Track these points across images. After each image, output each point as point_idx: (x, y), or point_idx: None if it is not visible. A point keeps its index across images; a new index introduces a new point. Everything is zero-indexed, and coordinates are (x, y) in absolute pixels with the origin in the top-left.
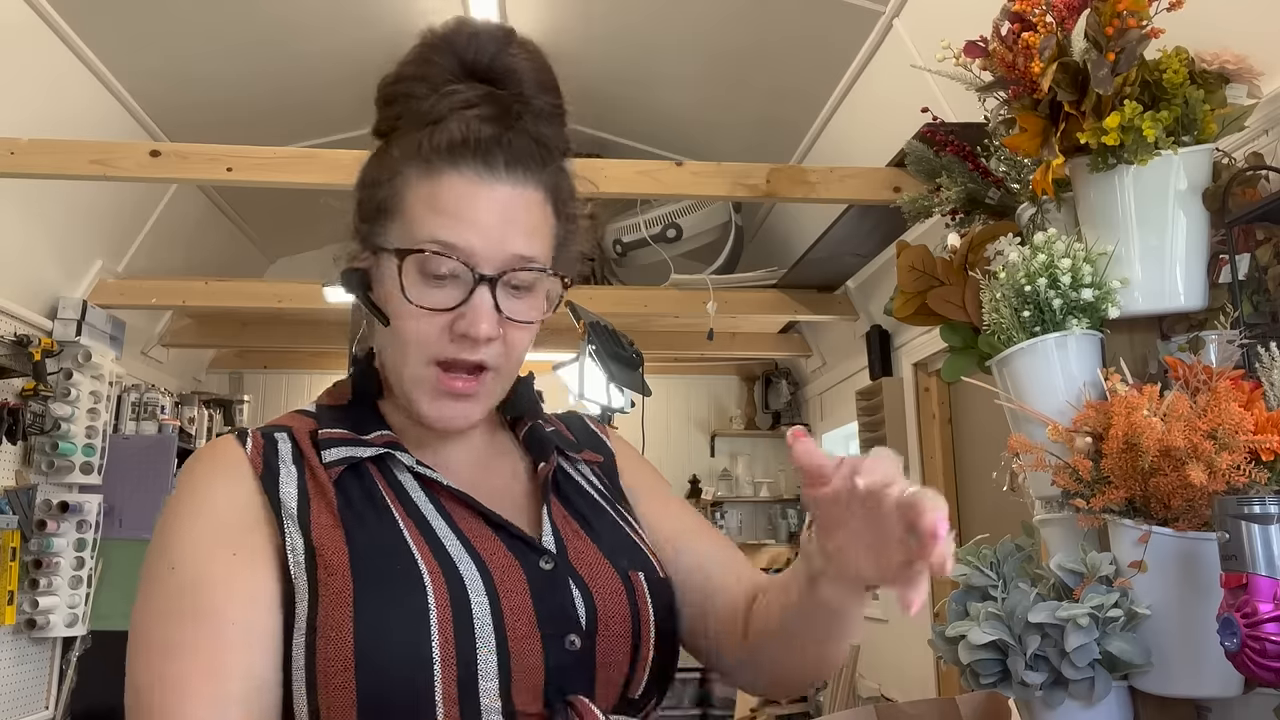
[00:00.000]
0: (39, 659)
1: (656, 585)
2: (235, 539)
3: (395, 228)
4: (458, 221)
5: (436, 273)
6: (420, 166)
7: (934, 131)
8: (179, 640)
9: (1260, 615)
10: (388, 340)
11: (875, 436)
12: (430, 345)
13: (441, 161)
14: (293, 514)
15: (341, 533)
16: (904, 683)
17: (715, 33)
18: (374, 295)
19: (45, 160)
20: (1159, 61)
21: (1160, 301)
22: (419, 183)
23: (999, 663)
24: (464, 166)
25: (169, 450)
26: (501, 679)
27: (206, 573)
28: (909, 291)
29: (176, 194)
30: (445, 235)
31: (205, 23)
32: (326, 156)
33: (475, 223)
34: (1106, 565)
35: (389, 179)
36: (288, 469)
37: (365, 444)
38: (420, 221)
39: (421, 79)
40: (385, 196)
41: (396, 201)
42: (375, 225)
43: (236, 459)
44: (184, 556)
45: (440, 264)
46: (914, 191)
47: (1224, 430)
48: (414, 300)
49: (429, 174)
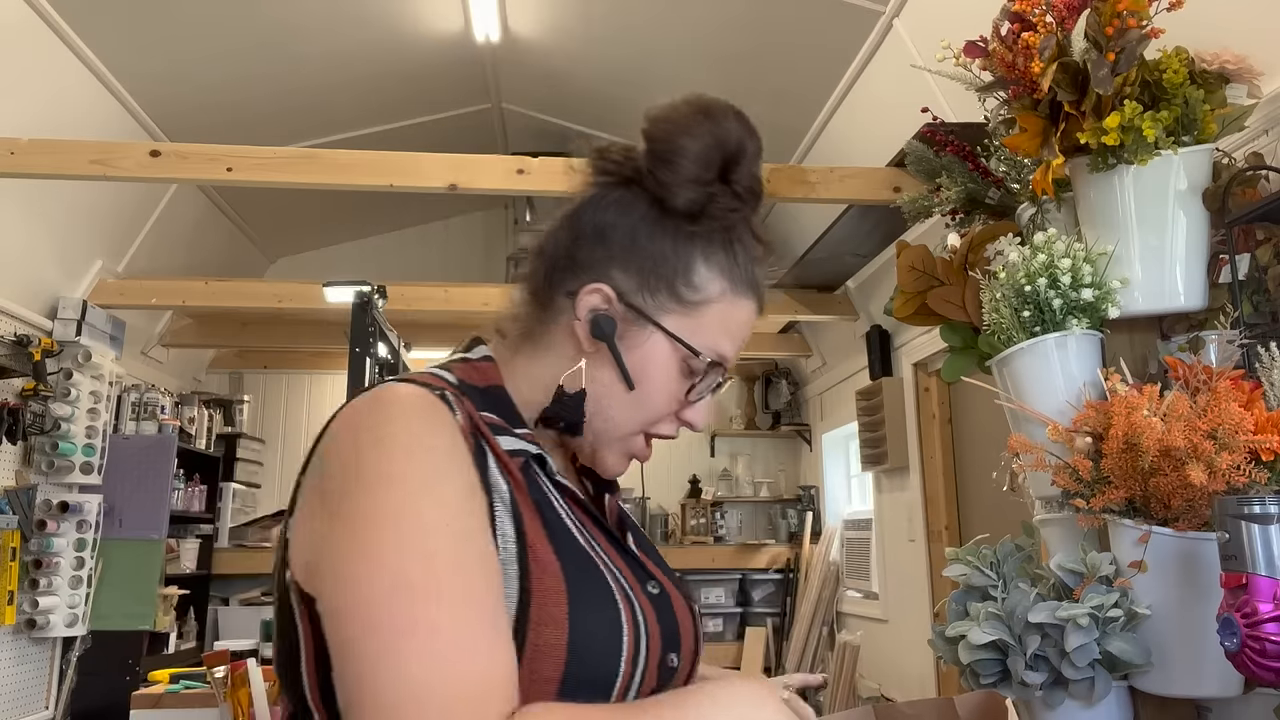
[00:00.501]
0: (39, 659)
1: (698, 615)
2: (477, 516)
3: (684, 318)
4: (734, 341)
5: (698, 373)
6: (727, 286)
7: (934, 131)
8: (466, 590)
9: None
10: (621, 400)
11: (875, 436)
12: (660, 423)
13: (746, 289)
14: (504, 497)
15: (543, 530)
16: (904, 683)
17: (715, 33)
18: (626, 355)
19: (45, 160)
20: (1159, 61)
21: (1160, 301)
22: (724, 302)
23: (999, 663)
24: (753, 301)
25: (169, 450)
26: (638, 690)
27: (468, 549)
28: (909, 291)
29: (176, 194)
30: (725, 351)
31: (205, 23)
32: (326, 156)
33: (740, 342)
34: (1106, 565)
35: (686, 273)
36: (485, 447)
37: (522, 440)
38: (712, 333)
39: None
40: (680, 286)
41: (691, 295)
42: (658, 297)
43: (454, 430)
44: (445, 508)
45: (714, 373)
46: (914, 191)
47: (1224, 430)
48: (693, 398)
49: (734, 297)
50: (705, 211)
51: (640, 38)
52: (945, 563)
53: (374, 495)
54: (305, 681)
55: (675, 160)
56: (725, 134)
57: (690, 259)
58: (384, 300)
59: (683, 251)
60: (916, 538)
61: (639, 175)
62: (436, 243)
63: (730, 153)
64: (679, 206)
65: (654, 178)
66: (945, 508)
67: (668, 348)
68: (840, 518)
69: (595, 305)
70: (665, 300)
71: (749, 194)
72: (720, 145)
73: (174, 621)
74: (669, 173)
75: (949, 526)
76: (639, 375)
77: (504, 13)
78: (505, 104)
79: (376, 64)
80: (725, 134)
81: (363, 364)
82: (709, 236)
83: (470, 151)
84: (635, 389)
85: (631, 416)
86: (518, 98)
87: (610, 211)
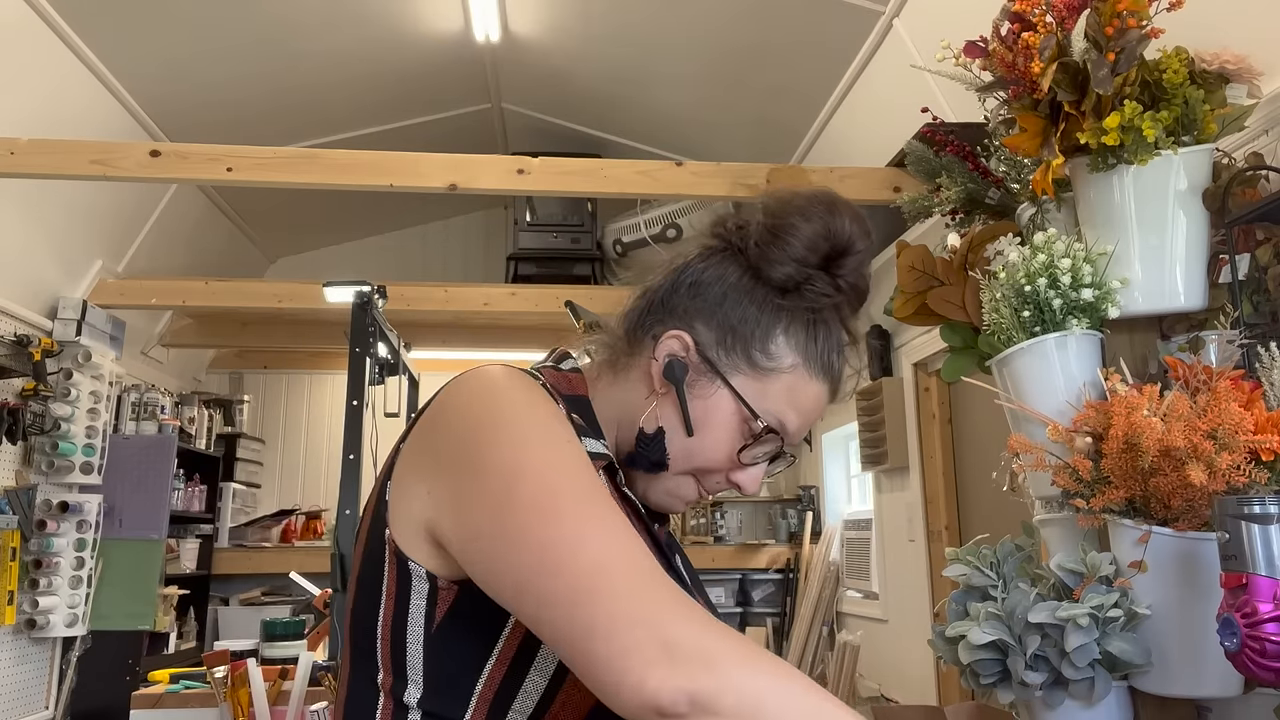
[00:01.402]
0: (39, 659)
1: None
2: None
3: (751, 382)
4: (800, 418)
5: (757, 436)
6: (803, 362)
7: (934, 131)
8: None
9: (1260, 615)
10: (679, 445)
11: (875, 436)
12: (710, 478)
13: (820, 372)
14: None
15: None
16: (904, 683)
17: (715, 33)
18: (692, 402)
19: (45, 160)
20: (1159, 61)
21: (1160, 301)
22: (795, 375)
23: (999, 663)
24: (825, 385)
25: (169, 450)
26: None
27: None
28: (909, 291)
29: (176, 194)
30: (789, 424)
31: (205, 23)
32: (326, 156)
33: (809, 422)
34: (1106, 565)
35: (764, 340)
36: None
37: (602, 446)
38: (777, 401)
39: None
40: (754, 350)
41: (764, 361)
42: (733, 354)
43: (557, 407)
44: (570, 444)
45: (768, 435)
46: (914, 191)
47: (1224, 430)
48: (745, 460)
49: (808, 376)
50: (798, 289)
51: (640, 38)
52: (945, 563)
53: (507, 433)
54: (379, 636)
55: (783, 236)
56: (839, 227)
57: (771, 328)
58: (384, 300)
59: (766, 320)
60: (916, 538)
61: (746, 244)
62: (436, 243)
63: (839, 245)
64: (774, 278)
65: (759, 249)
66: (945, 508)
67: (731, 404)
68: (840, 518)
69: (673, 350)
70: (739, 360)
71: (849, 288)
72: (830, 236)
73: (174, 621)
74: (774, 247)
75: (949, 526)
76: (699, 423)
77: (504, 12)
78: (505, 104)
79: (376, 63)
80: (839, 227)
81: (363, 364)
82: (794, 313)
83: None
84: (694, 435)
85: (685, 460)
86: (518, 98)
87: (711, 270)
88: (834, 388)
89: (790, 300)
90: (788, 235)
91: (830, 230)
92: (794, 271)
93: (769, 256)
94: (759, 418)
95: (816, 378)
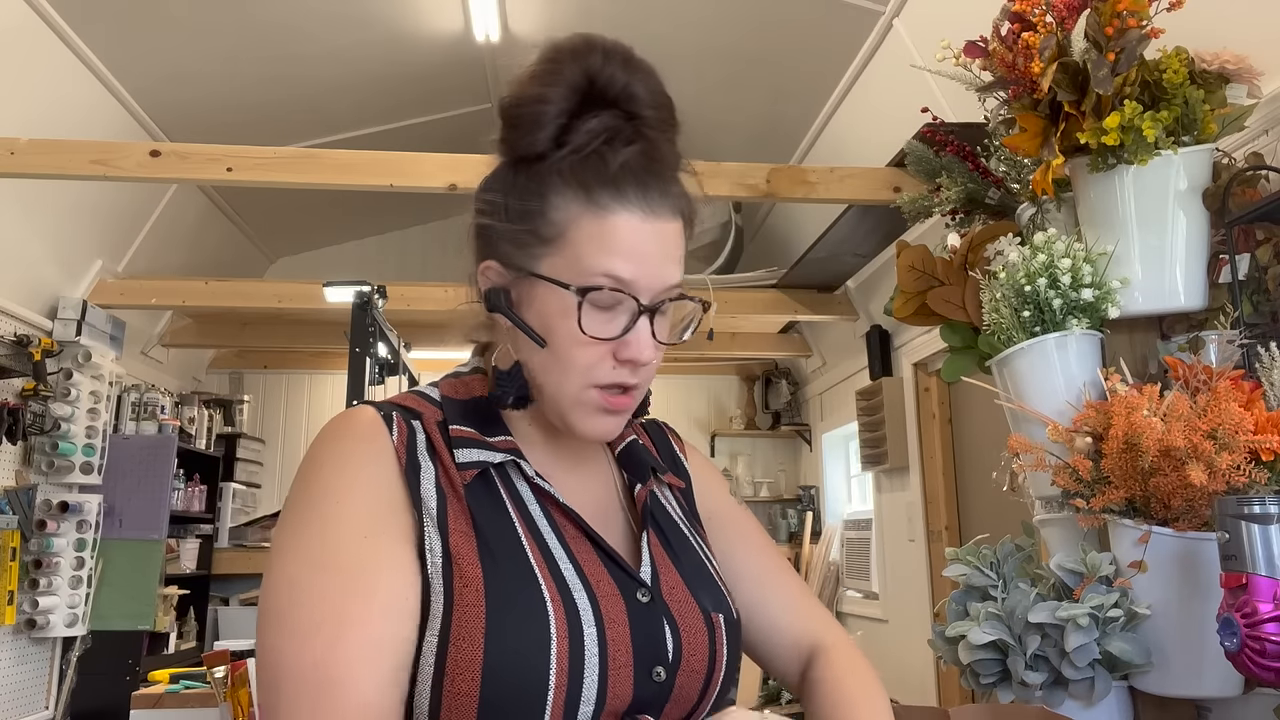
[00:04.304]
0: (39, 659)
1: (732, 627)
2: (386, 522)
3: (557, 258)
4: (627, 258)
5: (603, 305)
6: (584, 201)
7: (934, 131)
8: (344, 615)
9: (1260, 615)
10: (544, 360)
11: (875, 436)
12: (594, 371)
13: (608, 199)
14: (432, 514)
15: (474, 544)
16: (904, 683)
17: (715, 33)
18: (526, 317)
19: (45, 160)
20: (1159, 61)
21: (1160, 301)
22: (586, 219)
23: (999, 663)
24: (630, 204)
25: (169, 450)
26: (598, 703)
27: (364, 552)
28: (909, 291)
29: (176, 194)
30: (618, 271)
31: (205, 23)
32: (326, 156)
33: (642, 258)
34: (1106, 565)
35: (542, 209)
36: (426, 464)
37: (491, 447)
38: (591, 257)
39: (549, 100)
40: (539, 225)
41: (556, 231)
42: (528, 251)
43: (384, 445)
44: (340, 535)
45: (610, 298)
46: (914, 191)
47: (1224, 430)
48: (589, 332)
49: (597, 211)
50: (556, 148)
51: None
52: (945, 563)
53: (291, 515)
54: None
55: (512, 113)
56: (531, 74)
57: (543, 197)
58: (384, 300)
59: (535, 194)
60: (916, 538)
61: (498, 145)
62: (436, 243)
63: (535, 78)
64: (528, 155)
65: (505, 141)
66: (945, 508)
67: (551, 292)
68: (840, 518)
69: (490, 282)
70: (535, 247)
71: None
72: (525, 83)
73: (174, 621)
74: (512, 129)
75: (949, 526)
76: (545, 330)
77: (504, 13)
78: None
79: (376, 64)
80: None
81: (363, 364)
82: (557, 169)
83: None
84: (547, 345)
85: (562, 374)
86: None
87: (483, 192)
88: (637, 204)
89: (549, 163)
90: (516, 110)
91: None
92: (539, 138)
93: (512, 141)
94: (569, 285)
95: (609, 209)
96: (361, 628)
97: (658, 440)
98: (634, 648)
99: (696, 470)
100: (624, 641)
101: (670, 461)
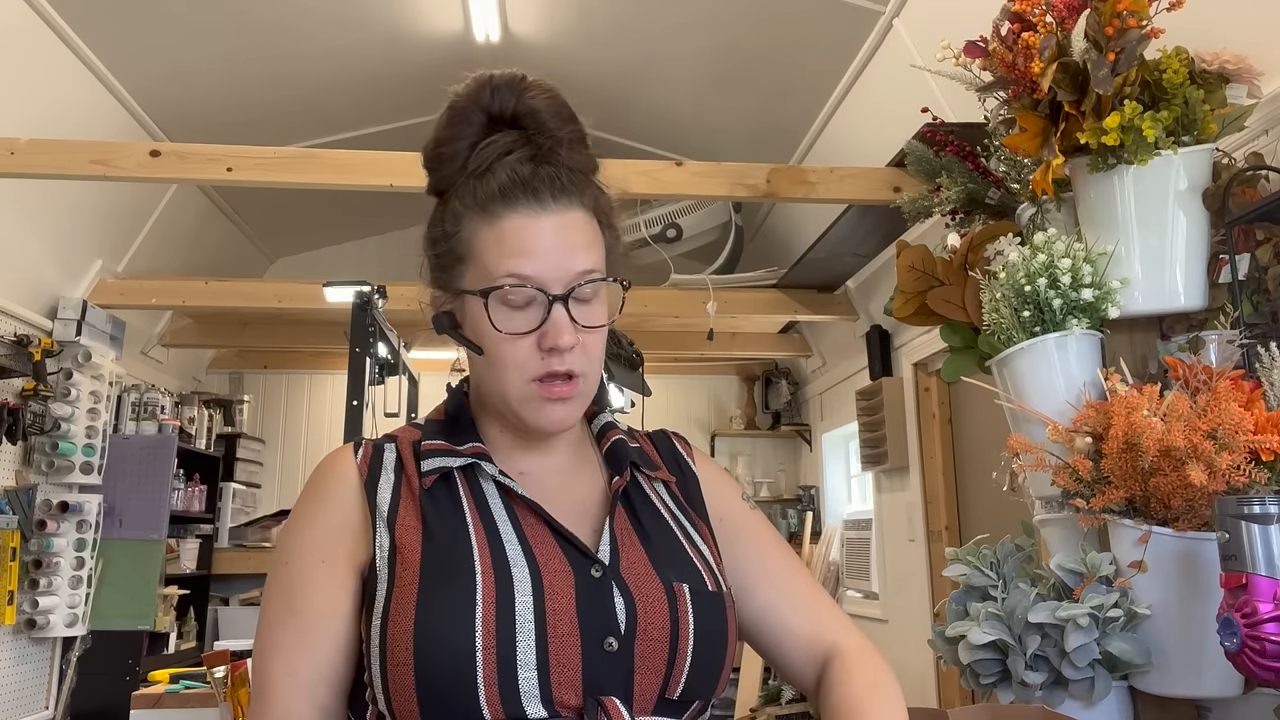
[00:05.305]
0: (39, 659)
1: (702, 597)
2: (330, 548)
3: (471, 271)
4: (524, 255)
5: (516, 303)
6: (480, 215)
7: (934, 131)
8: (275, 640)
9: (1260, 615)
10: (486, 367)
11: (875, 436)
12: (526, 365)
13: (498, 206)
14: (384, 515)
15: (420, 533)
16: (904, 683)
17: (715, 32)
18: (465, 332)
19: (45, 160)
20: (1159, 61)
21: (1160, 301)
22: (483, 229)
23: (999, 663)
24: (519, 206)
25: (169, 450)
26: (540, 669)
27: (300, 579)
28: (909, 291)
29: (176, 194)
30: (518, 269)
31: (205, 23)
32: (326, 156)
33: (539, 252)
34: (1106, 565)
35: (455, 231)
36: (387, 475)
37: (457, 454)
38: (493, 262)
39: (458, 139)
40: (455, 246)
41: (466, 249)
42: (453, 273)
43: (346, 467)
44: (290, 563)
45: (517, 294)
46: (914, 191)
47: (1224, 430)
48: (502, 329)
49: (490, 220)
50: (443, 186)
51: (640, 38)
52: (945, 563)
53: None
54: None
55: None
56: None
57: (456, 217)
58: (384, 300)
59: (446, 219)
60: (916, 538)
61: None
62: None
63: (443, 126)
64: (443, 189)
65: (430, 187)
66: (945, 508)
67: (480, 301)
68: (840, 518)
69: (437, 308)
70: (455, 267)
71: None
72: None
73: (174, 621)
74: (432, 168)
75: (949, 526)
76: (478, 339)
77: (504, 13)
78: None
79: (376, 64)
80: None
81: (363, 364)
82: (456, 193)
83: None
84: (484, 353)
85: (501, 374)
86: None
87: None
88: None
89: (455, 189)
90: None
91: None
92: (450, 172)
93: (434, 182)
94: (476, 292)
95: (500, 215)
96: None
97: (660, 444)
98: (580, 618)
99: (706, 474)
100: (567, 612)
101: (671, 461)
